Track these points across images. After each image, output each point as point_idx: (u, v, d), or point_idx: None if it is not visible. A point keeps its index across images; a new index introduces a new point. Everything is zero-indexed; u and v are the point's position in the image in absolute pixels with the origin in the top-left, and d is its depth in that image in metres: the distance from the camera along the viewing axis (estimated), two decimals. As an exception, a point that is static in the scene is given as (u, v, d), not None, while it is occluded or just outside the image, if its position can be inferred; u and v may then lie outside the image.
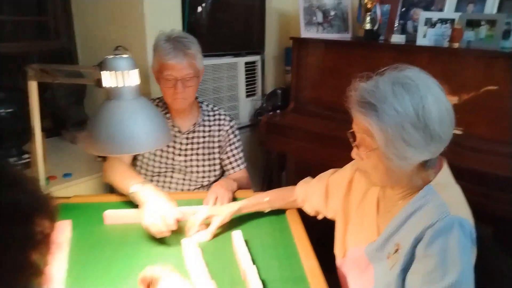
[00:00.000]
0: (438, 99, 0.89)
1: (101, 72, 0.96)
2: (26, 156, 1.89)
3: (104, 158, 1.95)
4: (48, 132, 2.27)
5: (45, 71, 1.15)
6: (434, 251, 0.86)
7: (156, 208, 1.21)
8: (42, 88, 2.00)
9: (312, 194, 1.32)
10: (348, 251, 1.14)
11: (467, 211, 0.93)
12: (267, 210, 1.38)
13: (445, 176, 0.98)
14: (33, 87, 1.22)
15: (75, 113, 2.23)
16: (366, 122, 0.90)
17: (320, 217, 1.34)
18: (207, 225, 1.27)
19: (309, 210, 1.36)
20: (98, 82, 0.97)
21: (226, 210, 1.29)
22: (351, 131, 0.99)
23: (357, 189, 1.17)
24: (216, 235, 1.27)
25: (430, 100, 0.87)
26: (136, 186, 1.31)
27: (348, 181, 1.20)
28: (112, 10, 2.08)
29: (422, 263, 0.88)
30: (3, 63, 2.12)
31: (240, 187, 1.59)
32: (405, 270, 0.92)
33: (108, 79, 0.95)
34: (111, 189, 1.90)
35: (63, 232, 1.22)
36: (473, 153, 1.73)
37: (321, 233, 1.38)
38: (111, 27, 2.11)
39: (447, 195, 0.93)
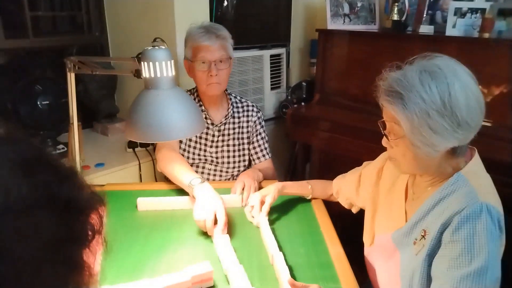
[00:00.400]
0: (466, 86, 0.88)
1: (141, 63, 1.00)
2: (61, 146, 1.98)
3: (134, 149, 2.02)
4: (81, 124, 2.36)
5: (83, 63, 1.20)
6: (461, 236, 0.87)
7: (210, 206, 1.22)
8: (75, 81, 2.09)
9: (346, 185, 1.35)
10: (376, 238, 1.16)
11: (497, 199, 0.93)
12: (308, 197, 1.44)
13: (476, 165, 0.98)
14: (71, 79, 1.28)
15: (106, 105, 2.31)
16: (393, 111, 0.92)
17: (354, 210, 1.36)
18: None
19: (343, 202, 1.38)
20: (137, 72, 1.02)
21: (273, 188, 1.34)
22: (381, 120, 1.00)
23: (387, 177, 1.18)
24: (242, 223, 1.31)
25: (458, 87, 0.87)
26: (195, 180, 1.34)
27: (378, 170, 1.22)
28: (142, 6, 2.14)
29: (448, 248, 0.89)
30: (40, 57, 2.22)
31: (265, 177, 1.62)
32: (431, 255, 0.93)
33: (147, 69, 1.00)
34: (141, 178, 1.98)
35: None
36: (504, 144, 1.70)
37: (345, 227, 1.40)
38: (141, 22, 2.16)
39: (477, 182, 0.93)
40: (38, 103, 1.88)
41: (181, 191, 1.45)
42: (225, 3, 2.36)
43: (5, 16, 2.03)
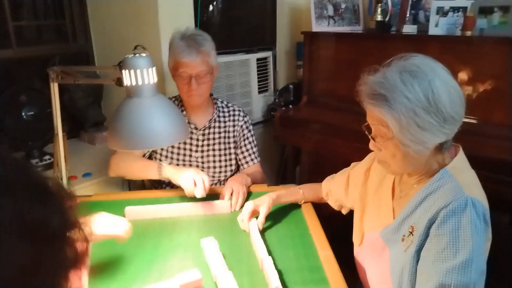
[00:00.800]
0: (446, 82, 0.90)
1: (122, 71, 0.99)
2: (47, 157, 1.95)
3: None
4: (67, 134, 2.33)
5: (66, 73, 1.19)
6: (447, 230, 0.88)
7: (190, 171, 1.36)
8: (60, 90, 2.06)
9: (335, 186, 1.36)
10: (365, 236, 1.17)
11: (482, 193, 0.95)
12: (301, 202, 1.43)
13: (461, 161, 0.99)
14: (55, 89, 1.27)
15: (92, 114, 2.29)
16: (379, 113, 0.92)
17: (344, 211, 1.36)
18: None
19: (333, 204, 1.39)
20: (119, 81, 1.02)
21: (267, 198, 1.32)
22: (365, 124, 1.01)
23: (374, 177, 1.19)
24: (231, 229, 1.30)
25: (438, 83, 0.89)
26: (165, 161, 1.47)
27: (365, 170, 1.23)
28: (126, 12, 2.13)
29: (434, 241, 0.90)
30: (24, 67, 2.19)
31: (254, 182, 1.62)
32: (419, 251, 0.94)
33: (128, 77, 0.99)
34: (129, 187, 1.96)
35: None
36: (489, 140, 1.72)
37: (337, 228, 1.40)
38: (126, 29, 2.15)
39: (462, 177, 0.94)
40: (23, 113, 1.87)
41: (170, 199, 1.45)
42: (211, 8, 2.36)
43: (-13, 27, 2.01)
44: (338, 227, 1.42)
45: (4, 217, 0.42)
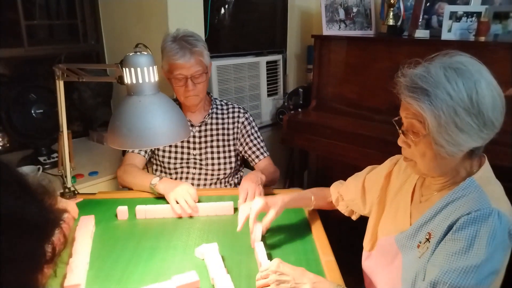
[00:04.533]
0: (491, 85, 0.86)
1: (123, 69, 0.99)
2: (55, 155, 1.97)
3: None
4: (77, 133, 2.35)
5: (71, 71, 1.20)
6: (463, 236, 0.84)
7: (182, 190, 1.36)
8: (69, 89, 2.07)
9: (348, 192, 1.30)
10: (379, 241, 1.12)
11: (509, 208, 0.90)
12: (311, 208, 1.37)
13: (488, 171, 0.95)
14: (60, 86, 1.27)
15: (101, 113, 2.30)
16: (418, 107, 0.86)
17: (354, 217, 1.31)
18: None
19: (343, 209, 1.33)
20: (120, 79, 1.01)
21: (280, 203, 1.22)
22: (397, 118, 0.96)
23: (395, 181, 1.14)
24: (232, 231, 1.28)
25: (484, 85, 0.85)
26: (154, 180, 1.47)
27: (386, 174, 1.17)
28: (137, 14, 2.14)
29: (448, 244, 0.87)
30: (35, 65, 2.22)
31: (268, 176, 1.57)
32: None
33: (129, 75, 0.98)
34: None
35: (86, 226, 1.26)
36: (502, 148, 1.67)
37: (343, 236, 1.35)
38: (136, 30, 2.17)
39: (490, 189, 0.90)
40: (32, 111, 1.88)
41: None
42: (222, 11, 2.37)
43: (0, 25, 2.03)
44: (346, 233, 1.37)
45: None
